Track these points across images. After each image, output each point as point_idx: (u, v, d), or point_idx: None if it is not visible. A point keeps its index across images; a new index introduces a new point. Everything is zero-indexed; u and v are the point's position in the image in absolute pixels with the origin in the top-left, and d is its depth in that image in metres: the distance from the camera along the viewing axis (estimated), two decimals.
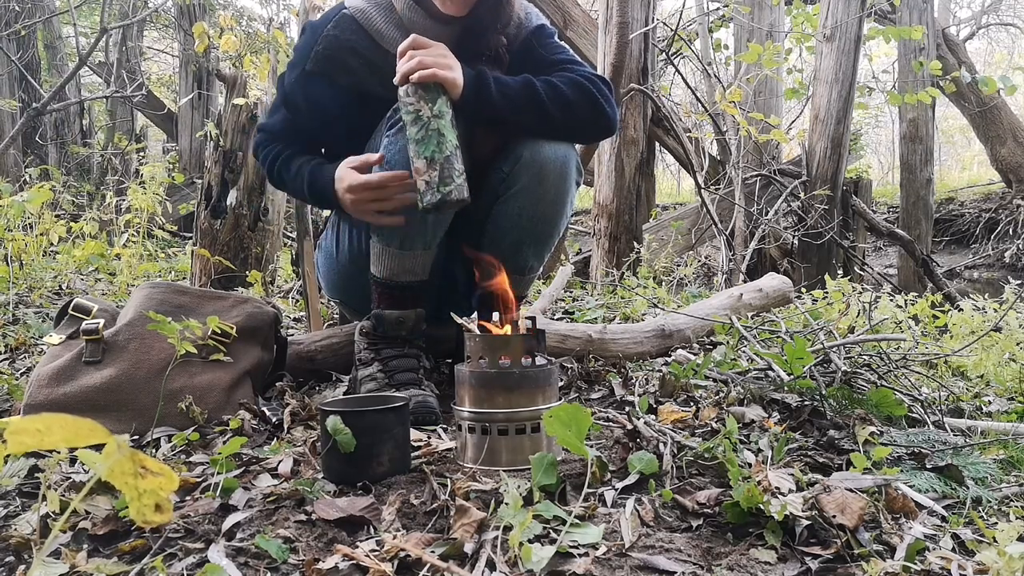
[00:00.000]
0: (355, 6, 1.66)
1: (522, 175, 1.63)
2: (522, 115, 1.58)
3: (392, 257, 1.63)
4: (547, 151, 1.62)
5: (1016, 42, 14.29)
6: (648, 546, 1.01)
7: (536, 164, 1.62)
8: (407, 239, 1.61)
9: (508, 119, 1.58)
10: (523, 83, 1.58)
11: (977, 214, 9.68)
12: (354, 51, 1.65)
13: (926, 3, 7.97)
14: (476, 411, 1.26)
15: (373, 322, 1.69)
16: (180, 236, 5.80)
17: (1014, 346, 2.68)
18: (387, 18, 1.66)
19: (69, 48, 9.73)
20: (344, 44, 1.64)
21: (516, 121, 1.59)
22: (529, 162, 1.62)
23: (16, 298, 2.81)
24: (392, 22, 1.66)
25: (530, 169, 1.62)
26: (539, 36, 1.74)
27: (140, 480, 0.56)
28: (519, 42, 1.72)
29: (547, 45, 1.74)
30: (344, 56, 1.65)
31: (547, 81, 1.60)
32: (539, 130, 1.62)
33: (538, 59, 1.69)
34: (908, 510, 1.11)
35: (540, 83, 1.59)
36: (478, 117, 1.56)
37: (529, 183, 1.63)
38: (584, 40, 5.85)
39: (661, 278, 4.88)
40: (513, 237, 1.69)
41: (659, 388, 1.72)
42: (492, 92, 1.53)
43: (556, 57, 1.71)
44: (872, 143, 15.11)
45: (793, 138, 6.50)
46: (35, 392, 1.47)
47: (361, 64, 1.65)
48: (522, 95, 1.57)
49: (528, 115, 1.58)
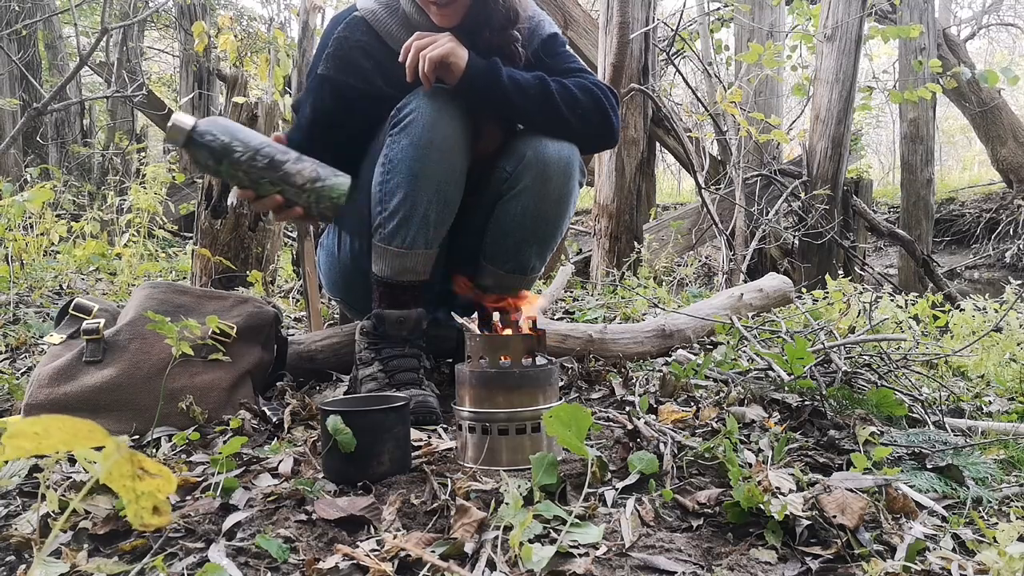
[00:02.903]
0: (366, 7, 1.69)
1: (526, 174, 1.63)
2: (531, 105, 1.59)
3: (394, 256, 1.63)
4: (551, 150, 1.62)
5: (1016, 42, 14.29)
6: (648, 546, 1.01)
7: (540, 163, 1.62)
8: (409, 238, 1.61)
9: (516, 106, 1.59)
10: (535, 76, 1.61)
11: (978, 214, 9.67)
12: (365, 52, 1.67)
13: (927, 3, 7.96)
14: (476, 411, 1.26)
15: (374, 321, 1.69)
16: (181, 236, 5.80)
17: (1014, 346, 2.68)
18: (397, 19, 1.69)
19: (70, 48, 9.73)
20: (355, 45, 1.67)
21: (525, 111, 1.60)
22: (533, 161, 1.62)
23: (17, 298, 2.81)
24: (401, 23, 1.68)
25: (534, 168, 1.62)
26: (552, 45, 1.76)
27: (138, 482, 0.56)
28: (531, 50, 1.74)
29: (560, 54, 1.76)
30: (355, 57, 1.67)
31: (558, 80, 1.63)
32: (546, 126, 1.63)
33: (550, 68, 1.70)
34: (908, 510, 1.11)
35: (552, 80, 1.62)
36: (487, 100, 1.58)
37: (533, 182, 1.63)
38: (584, 40, 5.85)
39: (661, 278, 4.88)
40: (516, 236, 1.69)
41: (659, 388, 1.72)
42: (503, 76, 1.56)
43: (568, 66, 1.74)
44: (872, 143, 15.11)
45: (794, 138, 6.50)
46: (36, 392, 1.47)
47: (372, 65, 1.68)
48: (533, 85, 1.59)
49: (537, 106, 1.60)
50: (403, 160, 1.56)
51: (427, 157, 1.56)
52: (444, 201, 1.61)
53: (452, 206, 1.63)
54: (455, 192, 1.62)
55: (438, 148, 1.56)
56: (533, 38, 1.74)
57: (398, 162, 1.57)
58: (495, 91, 1.56)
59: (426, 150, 1.56)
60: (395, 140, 1.58)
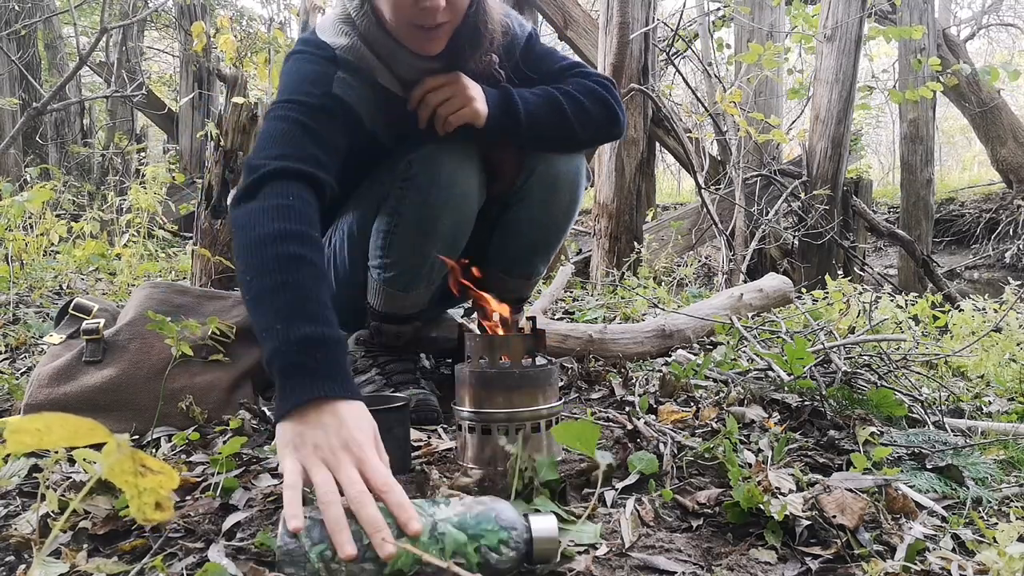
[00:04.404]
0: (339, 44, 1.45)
1: (535, 187, 1.58)
2: (546, 133, 1.49)
3: (392, 297, 1.58)
4: (561, 163, 1.57)
5: (1016, 42, 14.29)
6: (648, 546, 1.01)
7: (550, 176, 1.57)
8: (411, 285, 1.55)
9: (532, 140, 1.51)
10: (546, 99, 1.49)
11: (977, 214, 9.67)
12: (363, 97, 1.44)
13: (926, 3, 7.96)
14: (476, 411, 1.26)
15: (371, 332, 1.68)
16: (180, 236, 5.80)
17: (1014, 346, 2.68)
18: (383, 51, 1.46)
19: (69, 48, 9.72)
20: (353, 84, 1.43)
21: (539, 141, 1.52)
22: (543, 175, 1.57)
23: (16, 298, 2.81)
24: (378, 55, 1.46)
25: (544, 181, 1.57)
26: (532, 48, 1.63)
27: (140, 478, 0.56)
28: (516, 56, 1.61)
29: (544, 55, 1.65)
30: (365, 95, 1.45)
31: (567, 94, 1.51)
32: (559, 144, 1.56)
33: (545, 71, 1.61)
34: (908, 510, 1.11)
35: (562, 97, 1.50)
36: (503, 136, 1.47)
37: (541, 194, 1.58)
38: (584, 40, 5.85)
39: (661, 278, 4.88)
40: (522, 245, 1.66)
41: (659, 388, 1.72)
42: (520, 111, 1.45)
43: (560, 65, 1.64)
44: (872, 143, 15.11)
45: (793, 138, 6.51)
46: (35, 392, 1.47)
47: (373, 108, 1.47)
48: (548, 113, 1.48)
49: (552, 131, 1.50)
50: (412, 217, 1.47)
51: (438, 218, 1.47)
52: (452, 248, 1.53)
53: (460, 247, 1.56)
54: (464, 237, 1.55)
55: (452, 207, 1.47)
56: (514, 49, 1.59)
57: (408, 216, 1.48)
58: (512, 129, 1.46)
59: (441, 209, 1.46)
60: (404, 194, 1.47)
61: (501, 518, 0.88)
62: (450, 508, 0.90)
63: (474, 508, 0.89)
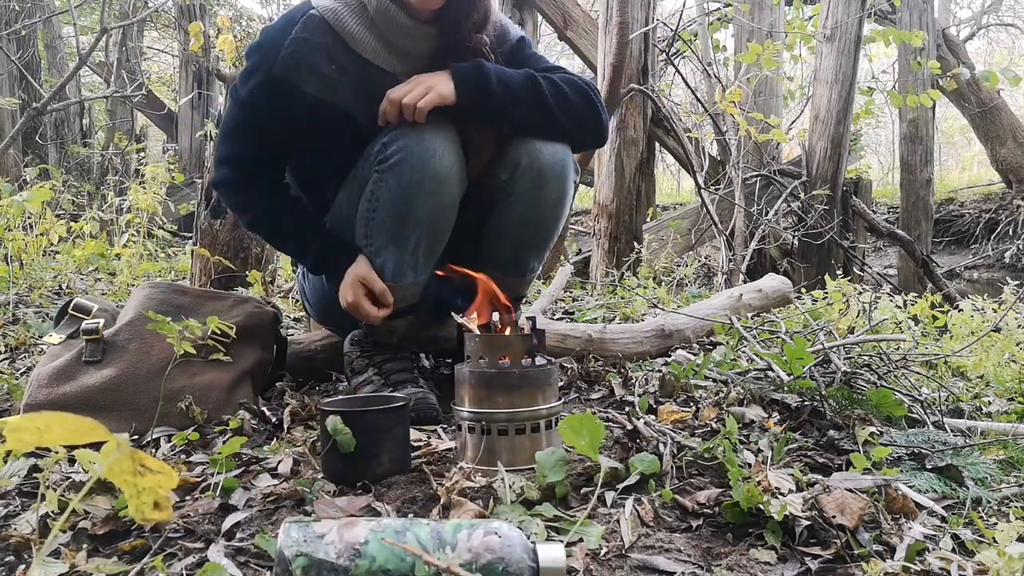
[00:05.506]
0: (324, 6, 1.53)
1: (521, 182, 1.58)
2: (522, 107, 1.52)
3: None
4: (545, 155, 1.57)
5: (1016, 42, 14.29)
6: (648, 546, 1.01)
7: (535, 170, 1.57)
8: (398, 274, 1.57)
9: (507, 111, 1.52)
10: (524, 75, 1.53)
11: (977, 214, 9.67)
12: (326, 55, 1.51)
13: (926, 3, 7.96)
14: (476, 411, 1.26)
15: (364, 330, 1.68)
16: (180, 236, 5.80)
17: (1014, 346, 2.68)
18: (360, 20, 1.53)
19: (69, 48, 9.72)
20: (315, 47, 1.50)
21: (516, 114, 1.53)
22: (528, 168, 1.56)
23: (16, 298, 2.81)
24: (365, 24, 1.53)
25: (529, 175, 1.57)
26: (523, 47, 1.69)
27: (139, 478, 0.56)
28: (507, 48, 1.66)
29: (533, 56, 1.69)
30: (315, 60, 1.50)
31: (547, 78, 1.55)
32: (538, 126, 1.56)
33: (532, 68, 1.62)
34: (908, 510, 1.11)
35: (541, 79, 1.54)
36: (479, 110, 1.51)
37: (528, 190, 1.58)
38: (584, 40, 5.85)
39: (661, 278, 4.88)
40: (513, 243, 1.66)
41: (659, 388, 1.72)
42: (492, 81, 1.48)
43: (547, 66, 1.67)
44: (872, 143, 15.10)
45: (793, 138, 6.50)
46: (35, 392, 1.47)
47: (332, 70, 1.52)
48: (523, 84, 1.52)
49: (528, 107, 1.52)
50: (390, 200, 1.49)
51: (416, 199, 1.49)
52: (434, 235, 1.55)
53: (444, 235, 1.58)
54: (447, 223, 1.57)
55: (428, 189, 1.48)
56: (504, 42, 1.65)
57: (385, 201, 1.50)
58: (485, 101, 1.49)
59: (415, 191, 1.48)
60: (382, 178, 1.49)
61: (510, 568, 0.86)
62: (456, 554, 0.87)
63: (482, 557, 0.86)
